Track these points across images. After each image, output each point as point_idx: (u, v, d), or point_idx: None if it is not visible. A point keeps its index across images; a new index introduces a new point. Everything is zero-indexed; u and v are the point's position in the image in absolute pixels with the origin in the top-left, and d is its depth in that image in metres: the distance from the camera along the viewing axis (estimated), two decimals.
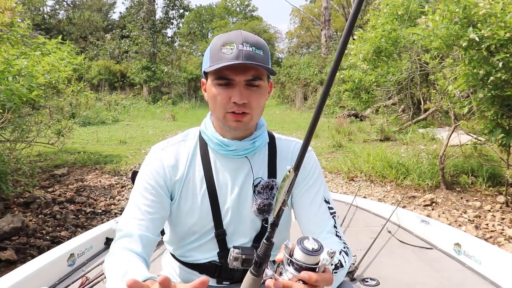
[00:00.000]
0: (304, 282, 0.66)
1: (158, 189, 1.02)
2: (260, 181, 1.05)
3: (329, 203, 1.08)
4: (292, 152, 1.11)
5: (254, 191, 1.05)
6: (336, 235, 1.04)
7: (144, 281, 0.73)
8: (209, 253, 1.07)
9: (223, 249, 1.06)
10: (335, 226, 1.05)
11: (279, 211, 0.66)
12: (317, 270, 0.67)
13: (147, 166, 1.05)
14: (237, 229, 1.06)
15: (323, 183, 1.11)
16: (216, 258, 1.07)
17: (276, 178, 1.07)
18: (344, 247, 1.01)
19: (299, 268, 0.66)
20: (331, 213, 1.06)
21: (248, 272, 0.70)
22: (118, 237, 0.97)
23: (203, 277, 0.65)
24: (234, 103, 0.95)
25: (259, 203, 1.04)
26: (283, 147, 1.12)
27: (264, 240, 0.68)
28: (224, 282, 1.08)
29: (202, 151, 1.07)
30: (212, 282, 1.08)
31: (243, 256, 0.98)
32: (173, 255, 1.15)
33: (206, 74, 1.00)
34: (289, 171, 0.64)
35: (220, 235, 1.05)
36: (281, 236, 1.11)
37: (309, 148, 1.11)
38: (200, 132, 1.10)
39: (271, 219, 0.69)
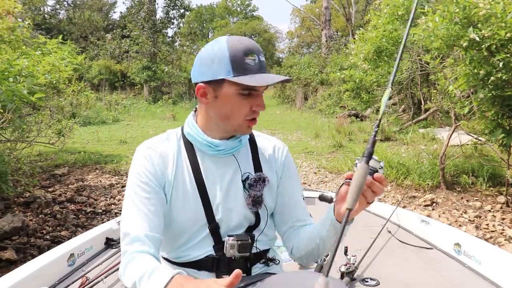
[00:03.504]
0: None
1: (153, 185, 1.03)
2: (248, 175, 1.10)
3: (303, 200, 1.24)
4: (273, 150, 1.19)
5: (244, 186, 1.09)
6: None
7: (173, 277, 0.82)
8: (204, 249, 1.08)
9: (218, 242, 1.07)
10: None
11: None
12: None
13: (137, 165, 1.05)
14: (230, 224, 1.09)
15: (299, 182, 1.27)
16: (212, 252, 1.08)
17: (262, 172, 1.12)
18: None
19: (372, 173, 0.85)
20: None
21: (362, 162, 0.78)
22: (128, 243, 0.96)
23: (237, 271, 0.71)
24: (254, 111, 1.00)
25: (253, 195, 1.08)
26: (263, 144, 1.19)
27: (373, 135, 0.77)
28: (223, 276, 1.08)
29: (188, 150, 1.09)
30: (211, 276, 1.08)
31: (239, 242, 1.03)
32: (166, 259, 1.15)
33: (214, 80, 0.98)
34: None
35: (214, 229, 1.07)
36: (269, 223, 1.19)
37: (287, 148, 1.23)
38: (182, 132, 1.12)
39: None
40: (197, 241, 1.08)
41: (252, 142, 1.17)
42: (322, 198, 1.31)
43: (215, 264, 1.07)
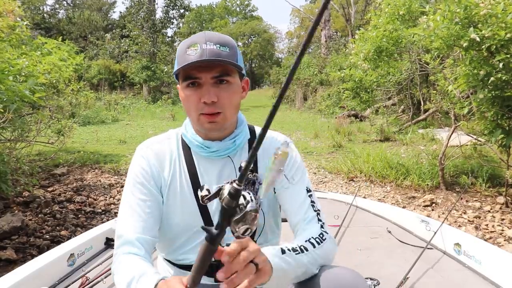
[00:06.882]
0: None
1: (148, 186, 1.02)
2: None
3: (311, 192, 1.09)
4: (275, 145, 1.12)
5: None
6: (319, 221, 1.05)
7: (158, 282, 0.81)
8: None
9: None
10: (318, 214, 1.06)
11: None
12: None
13: (134, 165, 1.05)
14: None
15: (305, 174, 1.12)
16: None
17: (258, 173, 1.08)
18: (320, 234, 1.01)
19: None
20: (312, 202, 1.07)
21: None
22: (118, 245, 0.97)
23: None
24: (204, 103, 0.94)
25: None
26: (264, 142, 1.13)
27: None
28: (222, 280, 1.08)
29: (185, 152, 1.07)
30: (209, 280, 1.07)
31: None
32: (168, 261, 1.14)
33: (178, 79, 1.01)
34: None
35: None
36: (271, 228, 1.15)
37: (290, 140, 1.15)
38: (181, 134, 1.10)
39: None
40: (195, 245, 1.06)
41: (253, 141, 1.12)
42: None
43: (214, 269, 1.07)
